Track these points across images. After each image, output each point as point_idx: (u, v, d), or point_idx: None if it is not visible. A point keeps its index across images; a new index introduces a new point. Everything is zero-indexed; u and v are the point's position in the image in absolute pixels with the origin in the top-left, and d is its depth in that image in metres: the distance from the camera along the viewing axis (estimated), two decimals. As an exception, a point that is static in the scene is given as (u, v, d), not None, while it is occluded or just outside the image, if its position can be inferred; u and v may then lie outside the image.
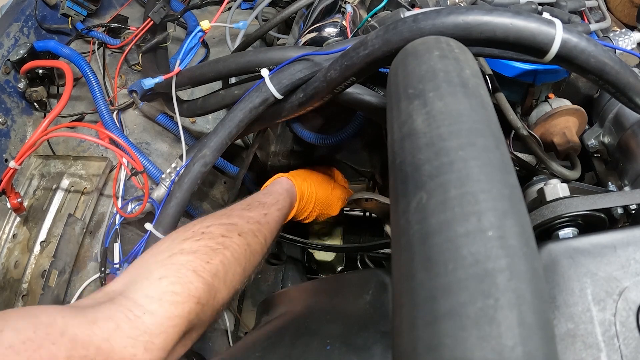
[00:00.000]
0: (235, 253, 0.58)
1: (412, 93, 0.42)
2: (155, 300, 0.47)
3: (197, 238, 0.56)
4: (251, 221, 0.66)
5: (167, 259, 0.52)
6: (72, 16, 1.08)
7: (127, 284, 0.50)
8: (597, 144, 0.80)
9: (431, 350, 0.29)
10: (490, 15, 0.49)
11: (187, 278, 0.51)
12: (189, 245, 0.55)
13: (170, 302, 0.48)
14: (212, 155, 0.74)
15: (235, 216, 0.66)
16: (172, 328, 0.47)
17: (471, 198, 0.33)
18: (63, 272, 0.82)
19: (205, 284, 0.52)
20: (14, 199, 0.83)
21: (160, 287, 0.48)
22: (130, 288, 0.49)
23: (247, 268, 0.61)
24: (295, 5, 0.81)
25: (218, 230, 0.59)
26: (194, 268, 0.52)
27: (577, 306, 0.44)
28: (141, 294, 0.47)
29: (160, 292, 0.48)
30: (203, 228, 0.59)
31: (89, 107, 1.01)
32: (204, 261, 0.53)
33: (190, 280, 0.51)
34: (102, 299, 0.48)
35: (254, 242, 0.63)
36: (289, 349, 0.53)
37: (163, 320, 0.46)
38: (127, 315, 0.45)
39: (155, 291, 0.48)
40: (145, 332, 0.45)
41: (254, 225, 0.66)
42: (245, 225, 0.64)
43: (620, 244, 0.46)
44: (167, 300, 0.47)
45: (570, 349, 0.42)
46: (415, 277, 0.32)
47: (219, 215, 0.65)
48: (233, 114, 0.72)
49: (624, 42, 0.74)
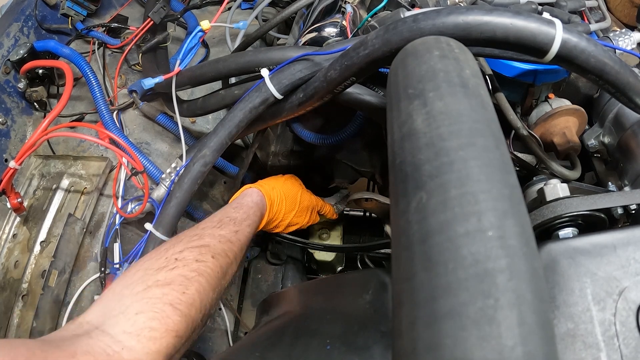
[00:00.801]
0: (210, 278, 0.58)
1: (412, 93, 0.42)
2: (134, 336, 0.47)
3: (171, 267, 0.56)
4: (223, 240, 0.66)
5: (143, 292, 0.52)
6: (72, 16, 1.08)
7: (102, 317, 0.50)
8: (597, 144, 0.80)
9: (431, 350, 0.29)
10: (490, 15, 0.49)
11: (164, 313, 0.50)
12: (164, 276, 0.54)
13: (148, 338, 0.47)
14: (212, 155, 0.74)
15: (207, 236, 0.65)
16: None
17: (471, 198, 0.33)
18: (63, 272, 0.82)
19: (183, 316, 0.51)
20: (14, 199, 0.83)
21: (137, 323, 0.48)
22: (107, 322, 0.49)
23: (219, 291, 0.61)
24: (295, 5, 0.81)
25: (191, 255, 0.59)
26: (170, 301, 0.51)
27: (577, 306, 0.44)
28: (119, 330, 0.47)
29: (138, 328, 0.48)
30: (176, 254, 0.58)
31: (89, 107, 1.01)
32: (180, 292, 0.53)
33: (168, 314, 0.50)
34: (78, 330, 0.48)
35: (226, 263, 0.63)
36: (289, 349, 0.53)
37: (141, 356, 0.46)
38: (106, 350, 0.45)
39: (132, 327, 0.48)
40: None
41: (225, 244, 0.65)
42: (218, 246, 0.64)
43: (620, 244, 0.46)
44: (145, 336, 0.47)
45: (570, 348, 0.42)
46: (415, 277, 0.32)
47: (191, 237, 0.64)
48: (233, 114, 0.72)
49: (624, 42, 0.74)
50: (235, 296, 1.18)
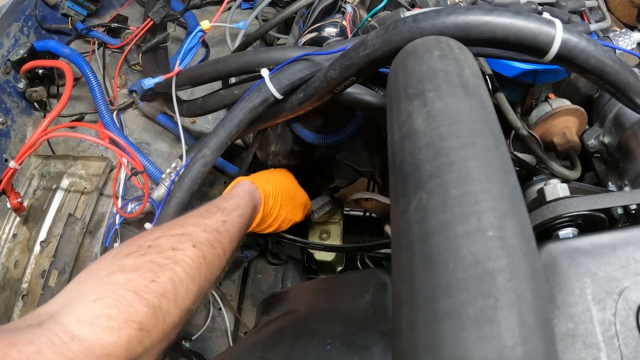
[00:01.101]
0: (188, 268, 0.52)
1: (412, 93, 0.42)
2: (87, 325, 0.41)
3: (141, 252, 0.50)
4: (208, 229, 0.59)
5: (105, 277, 0.46)
6: (72, 16, 1.08)
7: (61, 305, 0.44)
8: (597, 144, 0.80)
9: (431, 350, 0.29)
10: (490, 15, 0.49)
11: (125, 300, 0.44)
12: (131, 262, 0.48)
13: (104, 328, 0.42)
14: (212, 155, 0.74)
15: (189, 225, 0.59)
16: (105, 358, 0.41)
17: (471, 198, 0.33)
18: (63, 272, 0.82)
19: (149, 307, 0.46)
20: (14, 199, 0.83)
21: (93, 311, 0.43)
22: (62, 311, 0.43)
23: (202, 284, 0.54)
24: (295, 5, 0.81)
25: (168, 243, 0.53)
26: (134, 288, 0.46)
27: (577, 306, 0.44)
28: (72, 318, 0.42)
29: (93, 316, 0.42)
30: (150, 241, 0.52)
31: (89, 107, 1.01)
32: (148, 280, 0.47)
33: (130, 302, 0.44)
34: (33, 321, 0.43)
35: (211, 254, 0.57)
36: (289, 349, 0.53)
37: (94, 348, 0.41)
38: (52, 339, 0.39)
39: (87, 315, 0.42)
40: None
41: (211, 234, 0.59)
42: (201, 235, 0.57)
43: (620, 244, 0.46)
44: (100, 326, 0.42)
45: (570, 348, 0.42)
46: (415, 277, 0.32)
47: (171, 225, 0.58)
48: (233, 114, 0.72)
49: (624, 42, 0.74)
50: (235, 296, 1.18)
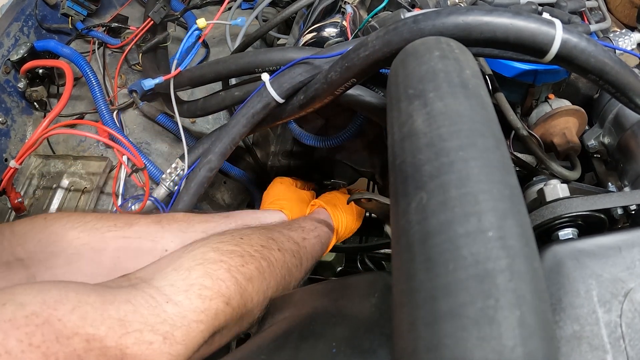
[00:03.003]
0: (272, 267, 0.54)
1: (412, 93, 0.42)
2: (182, 291, 0.43)
3: (235, 242, 0.53)
4: (291, 240, 0.63)
5: (200, 254, 0.49)
6: (72, 16, 1.08)
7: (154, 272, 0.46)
8: (597, 145, 0.80)
9: (431, 350, 0.29)
10: (490, 15, 0.49)
11: (218, 275, 0.47)
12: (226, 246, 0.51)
13: (197, 295, 0.43)
14: (218, 161, 0.75)
15: (275, 231, 0.62)
16: (195, 324, 0.42)
17: (471, 198, 0.33)
18: (63, 272, 0.82)
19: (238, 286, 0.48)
20: (15, 199, 0.83)
21: (189, 279, 0.45)
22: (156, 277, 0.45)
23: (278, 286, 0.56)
24: (296, 5, 0.81)
25: (258, 240, 0.56)
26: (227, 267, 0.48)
27: (583, 308, 0.44)
28: (166, 283, 0.44)
29: (188, 283, 0.44)
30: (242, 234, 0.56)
31: (89, 106, 1.01)
32: (239, 263, 0.50)
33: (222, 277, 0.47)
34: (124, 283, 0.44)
35: (292, 263, 0.60)
36: (295, 352, 0.53)
37: (187, 312, 0.42)
38: (148, 300, 0.41)
39: (182, 282, 0.44)
40: (166, 321, 0.40)
41: (293, 245, 0.63)
42: (286, 243, 0.61)
43: (625, 246, 0.46)
44: (194, 293, 0.43)
45: (576, 350, 0.42)
46: (416, 277, 0.32)
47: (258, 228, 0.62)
48: (236, 119, 0.73)
49: (624, 42, 0.74)
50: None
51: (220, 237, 0.54)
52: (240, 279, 0.48)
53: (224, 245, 0.51)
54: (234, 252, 0.51)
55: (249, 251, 0.53)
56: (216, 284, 0.46)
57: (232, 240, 0.53)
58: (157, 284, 0.44)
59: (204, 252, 0.49)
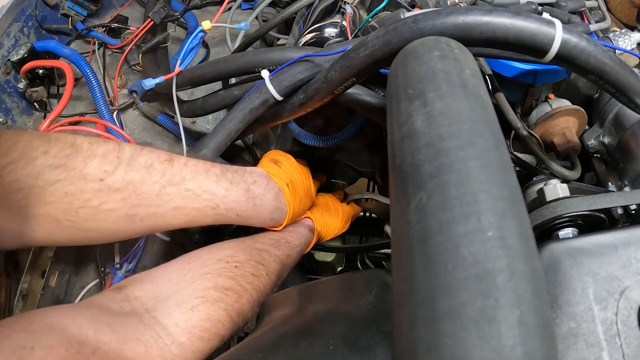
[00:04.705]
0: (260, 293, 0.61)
1: (412, 93, 0.42)
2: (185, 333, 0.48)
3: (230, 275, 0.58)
4: (277, 260, 0.69)
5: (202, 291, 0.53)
6: (72, 16, 1.08)
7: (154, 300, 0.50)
8: (597, 144, 0.80)
9: (431, 350, 0.29)
10: (490, 15, 0.49)
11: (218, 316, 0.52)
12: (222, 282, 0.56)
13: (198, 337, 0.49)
14: (212, 156, 0.74)
15: (264, 252, 0.68)
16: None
17: (471, 198, 0.33)
18: (63, 272, 0.82)
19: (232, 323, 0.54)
20: (14, 199, 0.83)
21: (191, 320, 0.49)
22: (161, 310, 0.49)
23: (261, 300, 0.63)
24: (296, 5, 0.81)
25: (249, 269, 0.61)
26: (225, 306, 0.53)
27: (579, 305, 0.44)
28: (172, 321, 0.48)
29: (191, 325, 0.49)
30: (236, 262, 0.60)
31: (89, 107, 1.01)
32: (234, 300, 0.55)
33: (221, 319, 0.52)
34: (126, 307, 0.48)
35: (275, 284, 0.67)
36: (292, 350, 0.53)
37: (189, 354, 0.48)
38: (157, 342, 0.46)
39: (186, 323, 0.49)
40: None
41: (278, 265, 0.69)
42: (272, 265, 0.67)
43: (622, 244, 0.46)
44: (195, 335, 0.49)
45: (572, 348, 0.42)
46: (415, 277, 0.32)
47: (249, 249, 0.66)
48: (232, 114, 0.72)
49: (624, 42, 0.74)
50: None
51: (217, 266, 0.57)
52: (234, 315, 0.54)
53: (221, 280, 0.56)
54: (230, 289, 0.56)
55: (243, 284, 0.58)
56: (215, 326, 0.51)
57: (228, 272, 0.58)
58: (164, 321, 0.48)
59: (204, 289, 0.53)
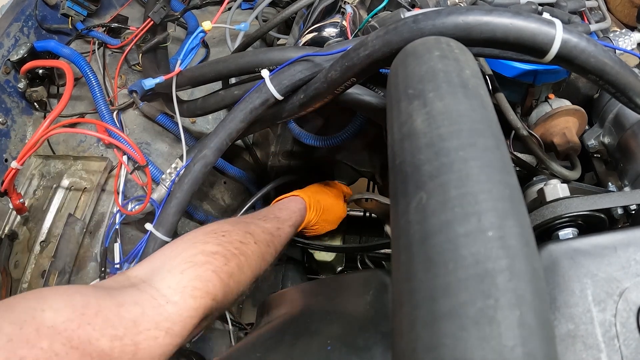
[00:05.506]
0: (249, 259, 0.63)
1: (412, 93, 0.42)
2: (178, 292, 0.52)
3: (217, 242, 0.61)
4: (266, 231, 0.72)
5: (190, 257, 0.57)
6: (72, 16, 1.08)
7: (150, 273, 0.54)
8: (597, 144, 0.80)
9: (431, 350, 0.29)
10: (490, 15, 0.49)
11: (206, 276, 0.55)
12: (210, 248, 0.59)
13: (190, 296, 0.52)
14: (213, 156, 0.74)
15: (252, 224, 0.71)
16: (189, 319, 0.51)
17: (471, 198, 0.33)
18: (63, 272, 0.82)
19: (222, 283, 0.56)
20: (17, 200, 0.83)
21: (182, 281, 0.53)
22: (154, 278, 0.53)
23: (256, 274, 0.66)
24: (296, 5, 0.81)
25: (236, 237, 0.64)
26: (213, 268, 0.57)
27: (578, 307, 0.44)
28: (164, 285, 0.52)
29: (182, 285, 0.53)
30: (223, 232, 0.64)
31: (89, 107, 1.01)
32: (222, 263, 0.58)
33: (209, 278, 0.55)
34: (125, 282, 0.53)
35: (266, 252, 0.69)
36: (290, 349, 0.53)
37: (183, 311, 0.51)
38: (152, 302, 0.49)
39: (177, 284, 0.52)
40: (167, 319, 0.49)
41: (267, 236, 0.72)
42: (261, 235, 0.70)
43: (621, 245, 0.46)
44: (188, 294, 0.52)
45: (571, 349, 0.42)
46: (415, 277, 0.32)
47: (237, 222, 0.70)
48: (233, 114, 0.72)
49: (624, 42, 0.74)
50: (235, 296, 1.18)
51: (204, 236, 0.62)
52: (224, 277, 0.57)
53: (208, 246, 0.59)
54: (217, 252, 0.59)
55: (230, 249, 0.61)
56: (204, 284, 0.54)
57: (215, 239, 0.61)
58: (157, 285, 0.52)
59: (192, 254, 0.57)
